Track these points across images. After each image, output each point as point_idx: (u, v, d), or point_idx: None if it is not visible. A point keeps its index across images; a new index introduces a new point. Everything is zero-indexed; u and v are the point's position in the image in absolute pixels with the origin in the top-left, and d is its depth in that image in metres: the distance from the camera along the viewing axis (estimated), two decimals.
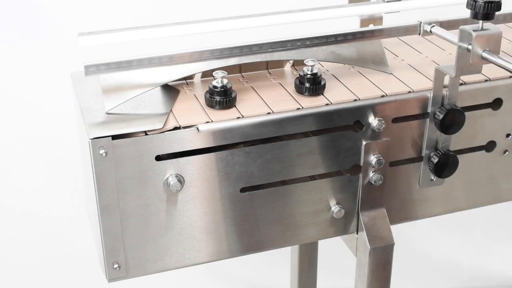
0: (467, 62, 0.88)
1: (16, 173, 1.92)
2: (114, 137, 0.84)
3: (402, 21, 1.00)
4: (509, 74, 0.99)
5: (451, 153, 0.97)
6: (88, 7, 1.93)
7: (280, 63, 1.03)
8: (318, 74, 0.93)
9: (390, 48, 1.11)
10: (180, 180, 0.88)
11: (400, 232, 1.26)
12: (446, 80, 0.93)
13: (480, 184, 1.06)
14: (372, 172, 0.96)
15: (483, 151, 1.03)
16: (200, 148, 0.88)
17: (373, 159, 0.95)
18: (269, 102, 0.92)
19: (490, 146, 1.03)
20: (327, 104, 0.92)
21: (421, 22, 0.99)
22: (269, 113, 0.90)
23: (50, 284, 1.70)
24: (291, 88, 0.96)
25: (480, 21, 0.87)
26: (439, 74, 0.92)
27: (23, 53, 1.94)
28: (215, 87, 0.90)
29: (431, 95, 0.94)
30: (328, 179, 0.96)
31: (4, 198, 1.89)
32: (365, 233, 0.98)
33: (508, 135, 1.03)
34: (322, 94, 0.94)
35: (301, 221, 0.97)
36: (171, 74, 0.93)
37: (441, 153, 0.97)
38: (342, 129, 0.93)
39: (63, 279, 1.71)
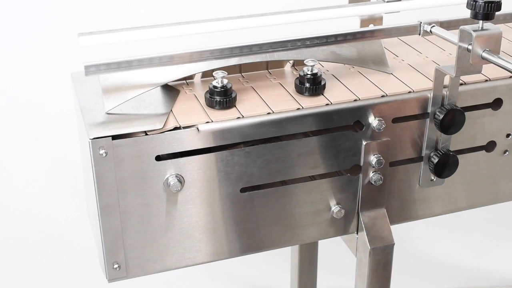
0: (467, 62, 0.88)
1: (16, 173, 1.92)
2: (114, 137, 0.84)
3: (402, 21, 1.00)
4: (509, 74, 0.99)
5: (451, 153, 0.97)
6: (88, 7, 1.92)
7: (280, 63, 1.03)
8: (318, 74, 0.93)
9: (390, 48, 1.11)
10: (180, 180, 0.88)
11: (400, 232, 1.26)
12: (446, 80, 0.93)
13: (480, 184, 1.06)
14: (372, 172, 0.96)
15: (483, 151, 1.03)
16: (200, 148, 0.88)
17: (373, 159, 0.95)
18: (269, 102, 0.92)
19: (490, 146, 1.03)
20: (327, 104, 0.92)
21: (421, 22, 0.99)
22: (269, 113, 0.90)
23: (50, 284, 1.70)
24: (291, 88, 0.96)
25: (480, 21, 0.87)
26: (439, 74, 0.92)
27: (23, 53, 1.94)
28: (215, 87, 0.90)
29: (431, 95, 0.94)
30: (328, 179, 0.96)
31: (4, 198, 1.89)
32: (365, 233, 0.98)
33: (508, 135, 1.03)
34: (322, 94, 0.94)
35: (301, 221, 0.97)
36: (171, 74, 0.93)
37: (441, 153, 0.97)
38: (342, 129, 0.93)
39: (63, 279, 1.71)
